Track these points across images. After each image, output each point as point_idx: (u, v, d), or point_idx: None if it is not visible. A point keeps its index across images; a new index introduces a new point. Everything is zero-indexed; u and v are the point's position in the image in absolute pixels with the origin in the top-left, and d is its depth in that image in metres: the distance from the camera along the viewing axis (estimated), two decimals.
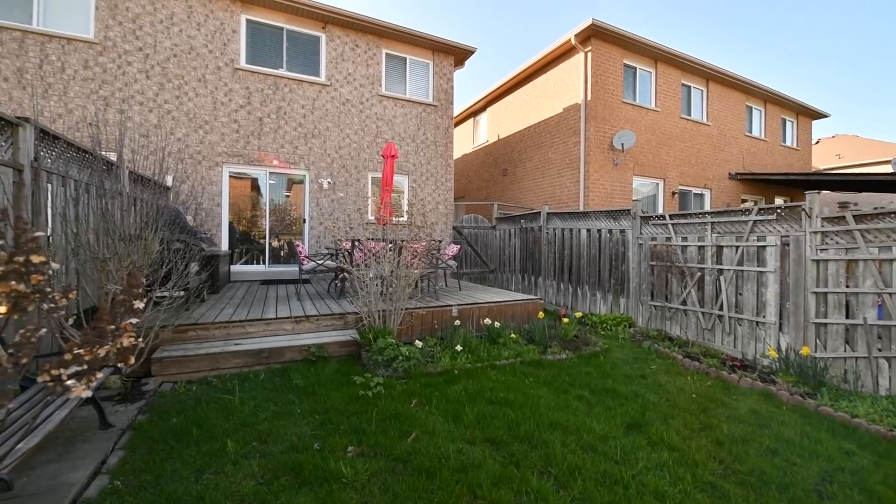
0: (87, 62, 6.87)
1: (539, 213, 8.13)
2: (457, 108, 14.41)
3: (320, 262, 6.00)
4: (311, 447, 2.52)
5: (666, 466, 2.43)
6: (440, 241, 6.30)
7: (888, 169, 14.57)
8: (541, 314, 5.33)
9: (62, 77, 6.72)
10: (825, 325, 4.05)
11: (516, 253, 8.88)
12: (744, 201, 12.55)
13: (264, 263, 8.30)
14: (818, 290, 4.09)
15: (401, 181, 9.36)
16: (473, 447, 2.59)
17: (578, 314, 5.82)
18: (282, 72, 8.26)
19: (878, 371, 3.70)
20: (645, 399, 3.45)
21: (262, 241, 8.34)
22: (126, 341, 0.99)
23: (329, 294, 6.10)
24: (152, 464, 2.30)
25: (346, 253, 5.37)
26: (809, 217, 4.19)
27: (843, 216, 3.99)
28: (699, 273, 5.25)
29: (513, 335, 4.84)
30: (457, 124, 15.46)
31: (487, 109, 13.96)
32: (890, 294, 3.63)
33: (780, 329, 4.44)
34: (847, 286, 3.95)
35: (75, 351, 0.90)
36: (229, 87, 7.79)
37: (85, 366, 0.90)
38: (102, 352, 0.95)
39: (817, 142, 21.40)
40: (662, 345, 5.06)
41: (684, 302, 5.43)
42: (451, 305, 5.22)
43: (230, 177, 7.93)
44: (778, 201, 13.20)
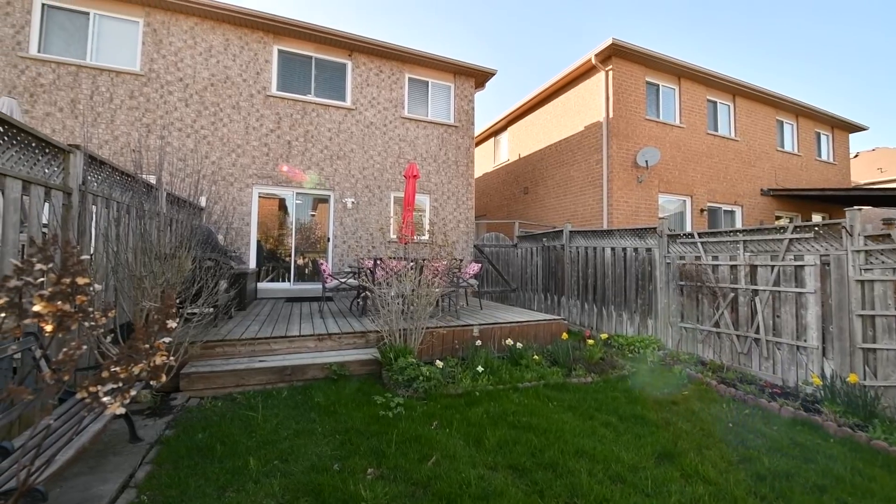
0: (133, 92, 7.40)
1: (561, 232, 8.04)
2: (478, 128, 14.63)
3: (343, 281, 6.09)
4: (332, 468, 2.50)
5: (701, 501, 2.28)
6: (461, 260, 6.30)
7: None
8: (564, 335, 5.20)
9: (110, 106, 7.25)
10: (874, 351, 3.77)
11: (538, 272, 8.77)
12: (778, 218, 12.05)
13: (289, 281, 8.49)
14: (864, 313, 3.83)
15: (422, 200, 9.48)
16: (495, 473, 2.51)
17: (604, 335, 5.64)
18: (310, 97, 8.63)
19: None
20: (677, 427, 3.28)
21: (288, 260, 8.56)
22: (159, 359, 1.03)
23: (351, 312, 6.16)
24: (178, 479, 2.34)
25: (369, 271, 5.44)
26: (851, 235, 3.97)
27: (889, 234, 3.77)
28: (732, 294, 5.02)
29: (535, 356, 4.73)
30: (478, 144, 15.66)
31: (508, 129, 14.09)
32: None
33: (824, 354, 4.16)
34: None
35: (112, 369, 0.94)
36: (261, 113, 8.19)
37: (120, 383, 0.93)
38: (137, 369, 0.99)
39: (856, 155, 20.46)
40: (694, 369, 4.82)
41: (717, 324, 5.19)
42: (472, 325, 5.17)
43: (259, 197, 8.25)
44: (815, 218, 12.60)
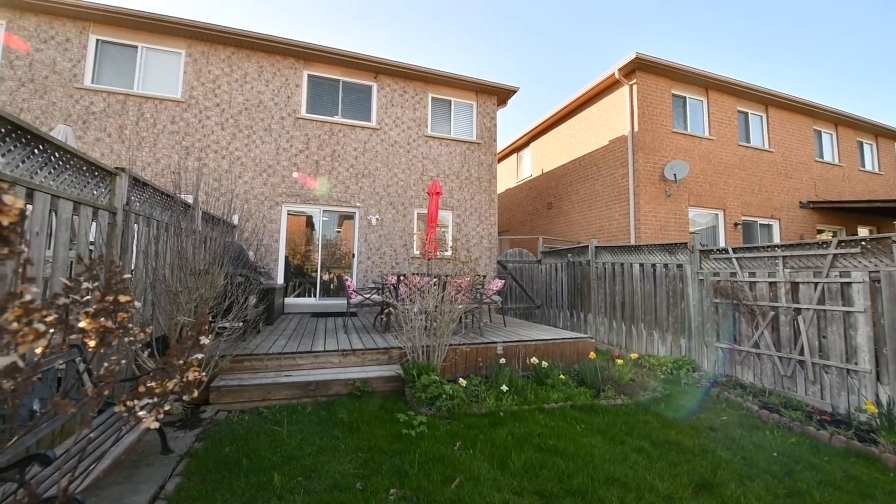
0: (174, 118, 7.88)
1: (587, 247, 7.88)
2: (500, 145, 14.73)
3: (367, 296, 6.15)
4: (354, 486, 2.48)
5: None
6: (484, 276, 6.26)
7: None
8: (592, 354, 5.04)
9: (153, 131, 7.74)
10: None
11: (563, 288, 8.59)
12: (820, 232, 11.41)
13: (315, 296, 8.66)
14: None
15: (445, 216, 9.55)
16: (521, 499, 2.42)
17: (634, 355, 5.43)
18: (337, 118, 8.95)
19: None
20: (716, 455, 3.08)
21: (314, 275, 8.75)
22: (192, 375, 1.06)
23: (375, 328, 6.20)
24: (205, 492, 2.37)
25: (392, 287, 5.47)
26: None
27: None
28: (772, 312, 4.75)
29: (562, 376, 4.59)
30: (500, 160, 15.73)
31: (530, 145, 14.11)
32: None
33: (878, 379, 3.84)
34: None
35: (147, 384, 0.98)
36: (291, 135, 8.54)
37: (156, 398, 0.97)
38: (171, 385, 1.02)
39: None
40: (733, 392, 4.55)
41: (756, 344, 4.91)
42: (496, 342, 5.09)
43: (288, 214, 8.53)
44: (862, 232, 11.86)
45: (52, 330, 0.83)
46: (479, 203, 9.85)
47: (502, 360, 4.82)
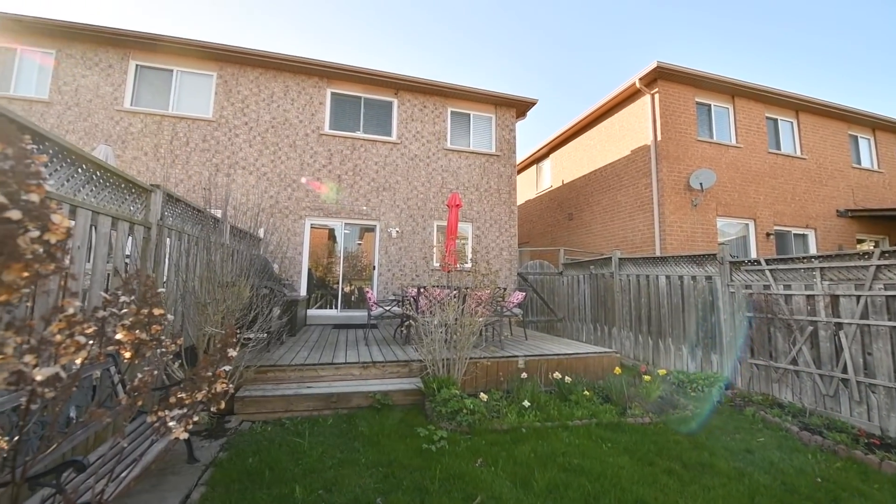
0: (206, 136, 8.25)
1: (610, 259, 7.72)
2: (519, 156, 14.73)
3: (387, 308, 6.18)
4: (374, 502, 2.46)
5: None
6: (504, 288, 6.20)
7: None
8: (617, 369, 4.88)
9: (186, 149, 8.11)
10: None
11: (586, 301, 8.41)
12: (860, 242, 10.82)
13: (336, 308, 8.77)
14: None
15: (465, 228, 9.56)
16: None
17: (662, 371, 5.22)
18: (358, 134, 9.17)
19: None
20: (753, 479, 2.91)
21: (336, 287, 8.88)
22: (219, 387, 1.08)
23: (395, 340, 6.21)
24: (229, 503, 2.40)
25: (412, 299, 5.49)
26: None
27: None
28: (810, 327, 4.50)
29: (586, 392, 4.46)
30: (520, 171, 15.71)
31: (550, 156, 14.04)
32: None
33: None
34: None
35: (178, 395, 1.00)
36: (314, 150, 8.80)
37: (185, 409, 0.99)
38: (200, 396, 1.04)
39: None
40: (771, 412, 4.31)
41: (794, 361, 4.65)
42: (518, 356, 5.01)
43: (311, 227, 8.73)
44: None
45: (92, 342, 0.86)
46: (499, 215, 9.83)
47: (524, 375, 4.73)
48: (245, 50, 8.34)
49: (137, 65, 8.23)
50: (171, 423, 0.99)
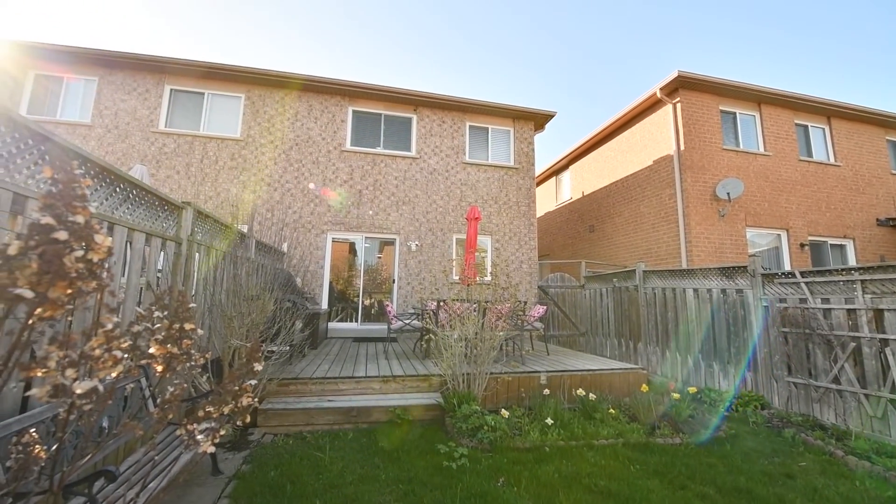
0: (234, 155, 8.59)
1: (634, 271, 7.53)
2: (538, 168, 14.68)
3: (407, 322, 6.19)
4: None
5: None
6: (525, 302, 6.12)
7: None
8: (644, 387, 4.70)
9: (215, 167, 8.46)
10: None
11: (610, 315, 8.19)
12: None
13: (357, 321, 8.84)
14: None
15: (484, 241, 9.54)
16: None
17: (692, 389, 4.99)
18: (379, 150, 9.36)
19: None
20: None
21: (356, 300, 8.97)
22: (245, 401, 1.10)
23: (415, 354, 6.19)
24: None
25: (432, 313, 5.48)
26: None
27: None
28: (853, 343, 4.24)
29: (611, 410, 4.31)
30: (539, 183, 15.64)
31: (570, 167, 13.95)
32: None
33: None
34: None
35: (207, 409, 1.03)
36: (336, 166, 9.02)
37: (213, 423, 1.01)
38: (226, 410, 1.06)
39: None
40: (812, 434, 4.05)
41: (836, 380, 4.38)
42: (539, 372, 4.90)
43: (332, 241, 8.89)
44: None
45: (127, 356, 0.90)
46: (519, 227, 9.77)
47: (546, 391, 4.61)
48: (271, 72, 8.71)
49: (172, 89, 8.70)
50: (200, 437, 1.01)
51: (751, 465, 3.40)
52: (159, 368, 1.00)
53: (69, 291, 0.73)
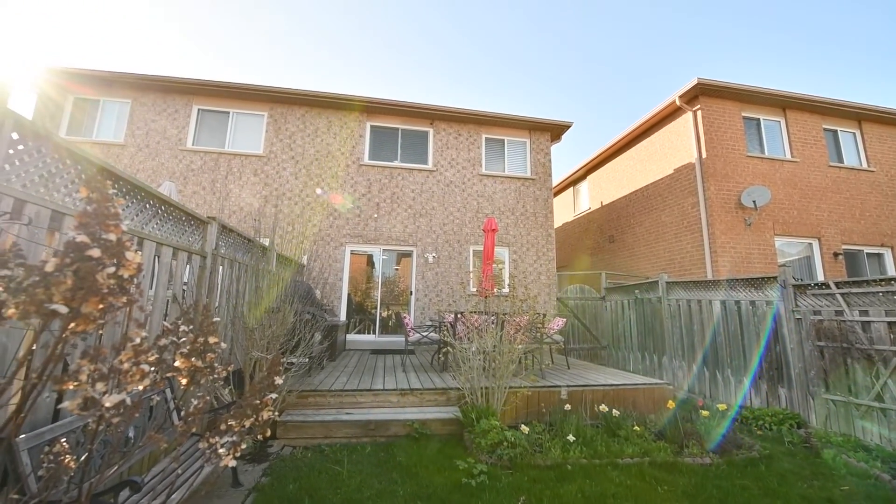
0: (256, 171, 8.86)
1: (656, 282, 7.34)
2: (555, 178, 14.59)
3: (424, 334, 6.17)
4: None
5: None
6: (544, 314, 6.03)
7: None
8: (670, 403, 4.52)
9: (238, 183, 8.74)
10: None
11: (632, 327, 7.98)
12: None
13: (374, 333, 8.87)
14: None
15: (501, 253, 9.49)
16: None
17: (722, 406, 4.77)
18: (396, 163, 9.50)
19: None
20: None
21: (374, 312, 9.01)
22: (266, 414, 1.11)
23: (432, 366, 6.15)
24: None
25: (449, 325, 5.44)
26: None
27: None
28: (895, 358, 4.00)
29: (636, 427, 4.15)
30: (556, 194, 15.53)
31: (588, 177, 13.82)
32: None
33: None
34: None
35: (229, 422, 1.04)
36: (355, 180, 9.19)
37: (234, 437, 1.02)
38: (247, 423, 1.07)
39: None
40: (854, 456, 3.80)
41: (879, 397, 4.11)
42: (560, 387, 4.79)
43: (351, 254, 9.00)
44: None
45: (153, 368, 0.92)
46: (536, 238, 9.69)
47: (567, 407, 4.49)
48: (293, 91, 9.01)
49: (199, 108, 9.08)
50: (221, 451, 1.02)
51: (788, 489, 3.21)
52: (184, 381, 1.02)
53: (101, 306, 0.76)
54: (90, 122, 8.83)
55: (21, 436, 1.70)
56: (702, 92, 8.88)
